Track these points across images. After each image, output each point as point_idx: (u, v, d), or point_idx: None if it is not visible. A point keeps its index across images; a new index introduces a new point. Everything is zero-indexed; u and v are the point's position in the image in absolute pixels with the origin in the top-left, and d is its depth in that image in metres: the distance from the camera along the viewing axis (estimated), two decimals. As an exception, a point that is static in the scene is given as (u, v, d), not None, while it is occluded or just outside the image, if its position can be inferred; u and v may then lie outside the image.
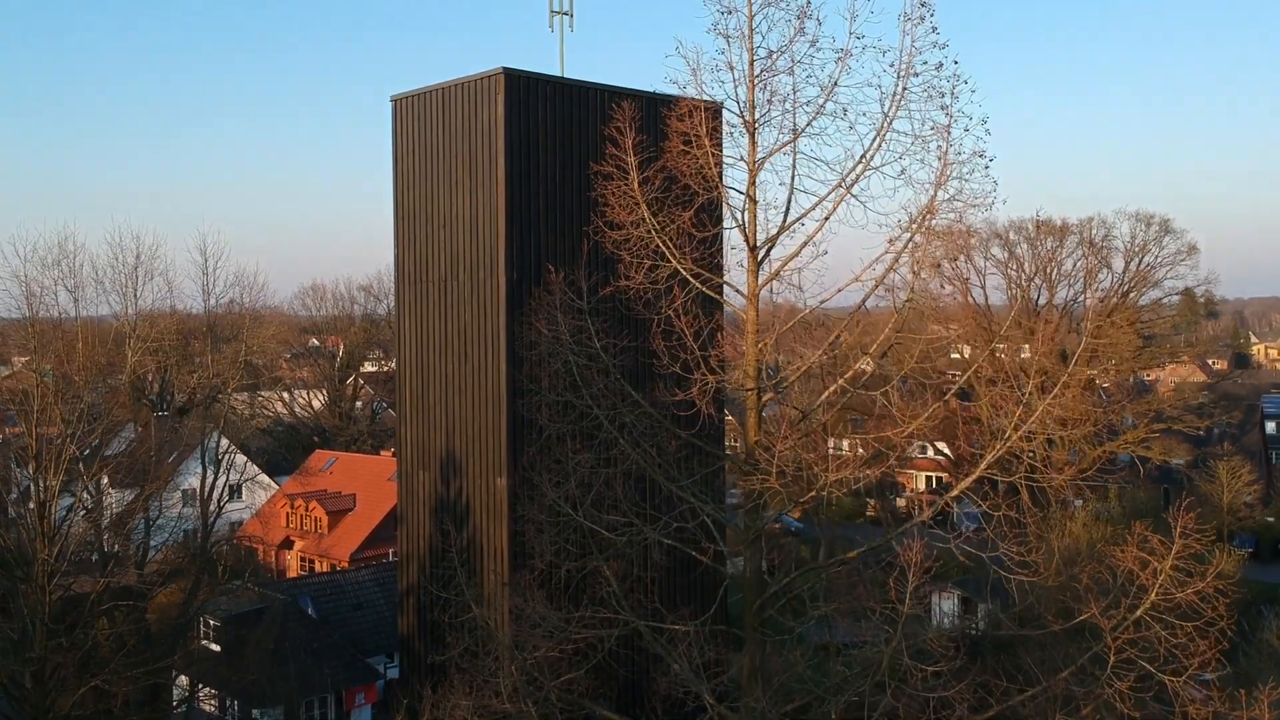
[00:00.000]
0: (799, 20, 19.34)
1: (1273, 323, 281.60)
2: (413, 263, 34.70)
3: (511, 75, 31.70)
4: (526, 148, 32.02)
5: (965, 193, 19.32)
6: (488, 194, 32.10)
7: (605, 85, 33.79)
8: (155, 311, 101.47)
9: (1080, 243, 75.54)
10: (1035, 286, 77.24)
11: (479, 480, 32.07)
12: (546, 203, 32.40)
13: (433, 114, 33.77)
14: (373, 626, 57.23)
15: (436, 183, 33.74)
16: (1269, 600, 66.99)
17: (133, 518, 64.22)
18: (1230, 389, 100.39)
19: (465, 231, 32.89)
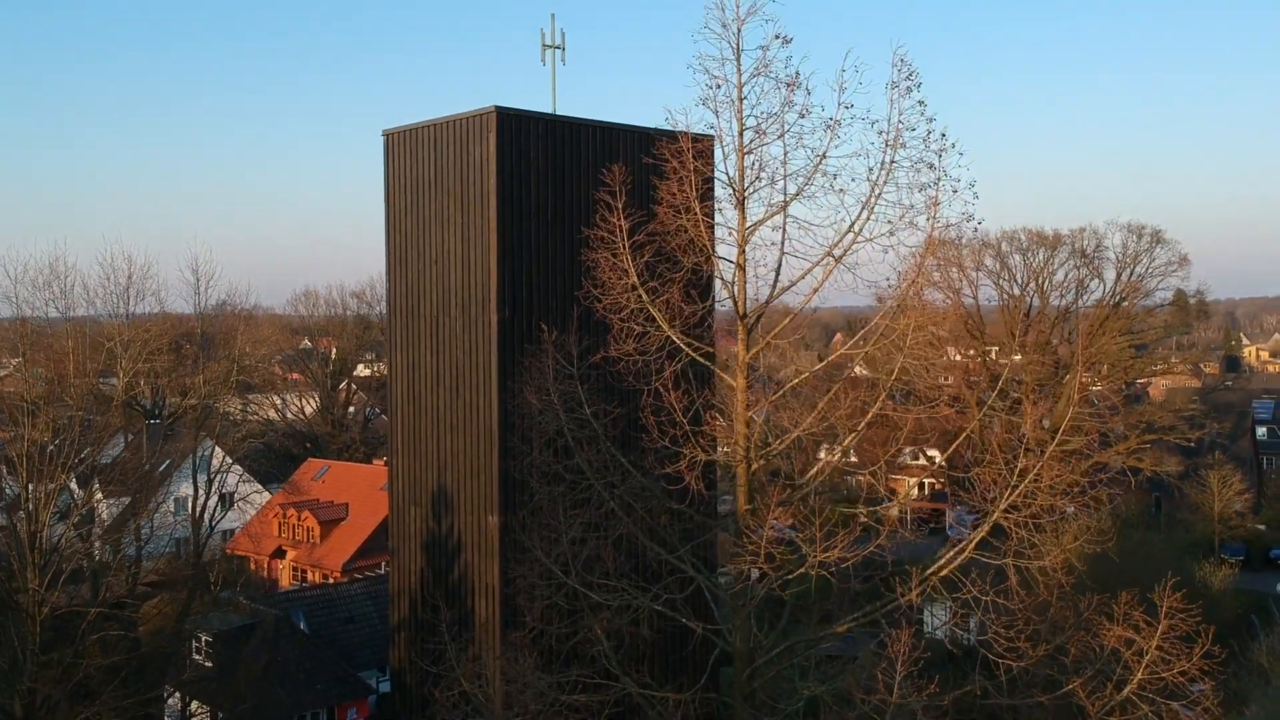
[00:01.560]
0: (788, 90, 19.37)
1: (1264, 324, 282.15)
2: (405, 297, 34.69)
3: (503, 113, 31.68)
4: (518, 186, 32.01)
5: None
6: (479, 231, 32.09)
7: (597, 121, 33.78)
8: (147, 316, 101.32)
9: (1072, 253, 75.71)
10: (1027, 296, 77.48)
11: (470, 517, 32.12)
12: (538, 240, 32.41)
13: (424, 150, 33.73)
14: (365, 640, 57.27)
15: (428, 218, 33.73)
16: (1259, 610, 67.31)
17: (124, 528, 64.32)
18: (1221, 395, 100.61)
19: (457, 268, 32.88)
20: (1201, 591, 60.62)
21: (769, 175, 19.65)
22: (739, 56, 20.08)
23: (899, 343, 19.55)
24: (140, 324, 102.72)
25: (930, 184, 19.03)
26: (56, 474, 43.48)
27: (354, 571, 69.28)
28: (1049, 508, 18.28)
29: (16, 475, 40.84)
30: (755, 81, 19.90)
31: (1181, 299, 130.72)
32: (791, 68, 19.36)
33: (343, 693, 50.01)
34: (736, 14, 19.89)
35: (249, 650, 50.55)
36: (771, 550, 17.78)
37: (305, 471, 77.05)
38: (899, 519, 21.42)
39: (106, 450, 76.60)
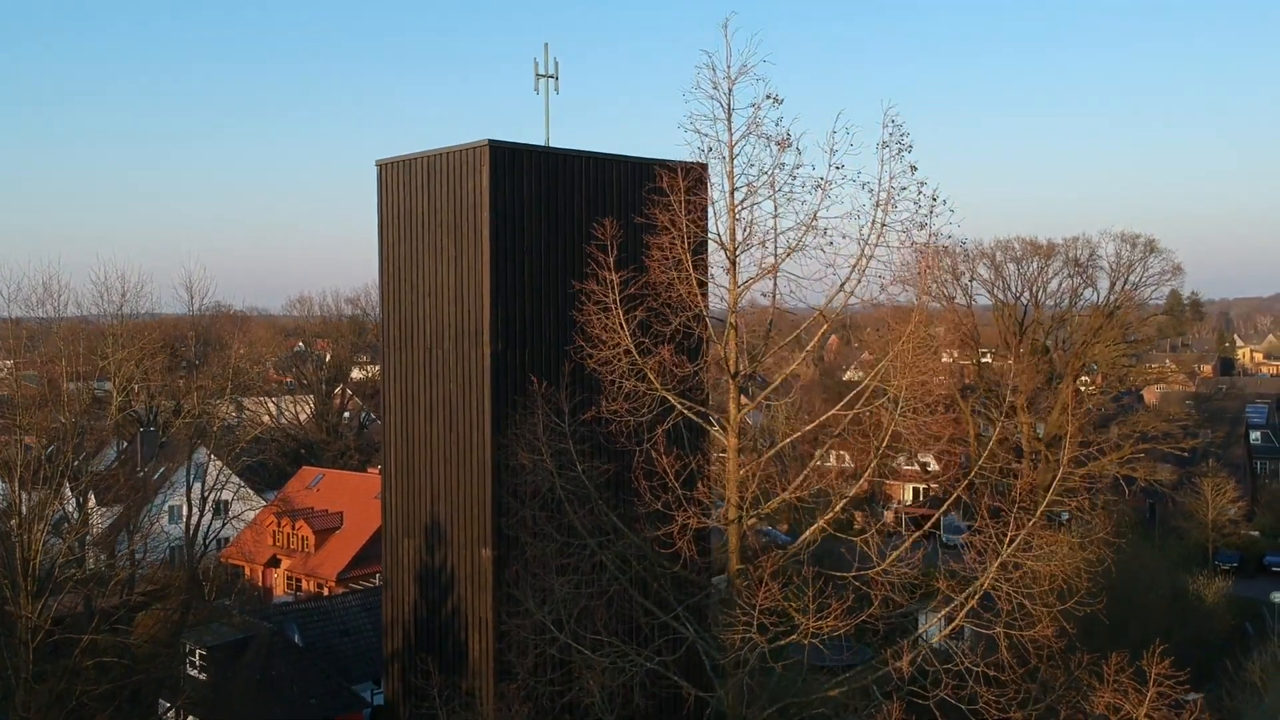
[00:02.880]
0: (779, 149, 19.34)
1: (1257, 325, 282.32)
2: (398, 328, 34.66)
3: (496, 147, 31.61)
4: (511, 219, 31.97)
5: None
6: (473, 264, 32.05)
7: (590, 152, 33.72)
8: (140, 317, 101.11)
9: (1066, 262, 75.82)
10: (1022, 304, 77.60)
11: (463, 550, 32.11)
12: (532, 274, 32.38)
13: (418, 181, 33.69)
14: (359, 653, 57.27)
15: (422, 250, 33.69)
16: (1253, 617, 67.49)
17: (117, 537, 64.29)
18: (1215, 400, 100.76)
19: (450, 301, 32.85)
20: (1195, 605, 60.89)
21: (760, 235, 19.62)
22: (730, 116, 20.06)
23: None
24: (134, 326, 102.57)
25: (921, 245, 18.99)
26: (53, 479, 43.48)
27: (349, 581, 69.30)
28: (1038, 575, 18.27)
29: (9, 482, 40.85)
30: (746, 141, 19.86)
31: (1175, 300, 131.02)
32: (782, 128, 19.32)
33: (337, 706, 50.07)
34: (727, 73, 19.86)
35: (243, 664, 50.67)
36: (764, 621, 17.83)
37: (300, 480, 77.02)
38: (893, 524, 21.34)
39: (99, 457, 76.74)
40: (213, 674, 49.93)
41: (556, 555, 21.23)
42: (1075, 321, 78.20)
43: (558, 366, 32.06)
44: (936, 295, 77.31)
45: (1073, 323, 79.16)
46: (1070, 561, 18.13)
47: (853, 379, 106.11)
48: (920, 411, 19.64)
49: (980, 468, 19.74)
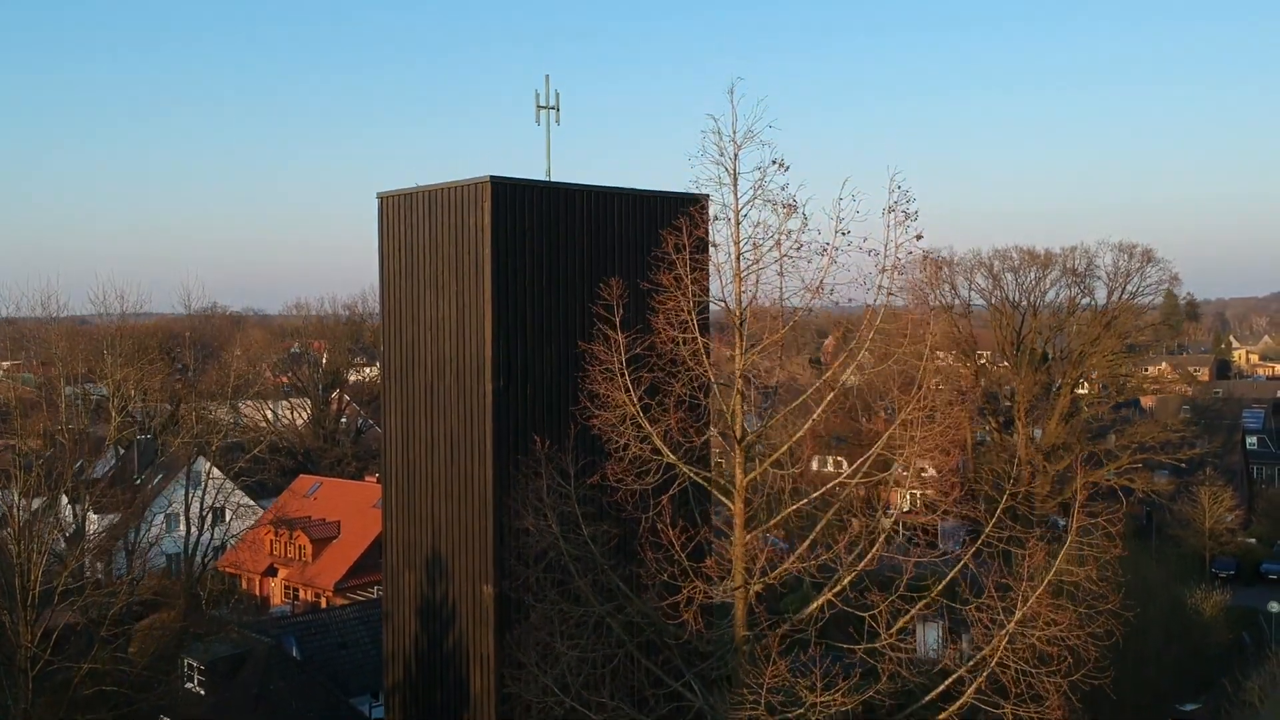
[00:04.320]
0: (785, 214, 19.28)
1: (1253, 325, 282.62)
2: (399, 359, 34.59)
3: (498, 184, 31.50)
4: (513, 255, 31.88)
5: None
6: (474, 300, 31.96)
7: (592, 186, 33.62)
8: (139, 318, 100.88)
9: (1064, 272, 75.91)
10: (1020, 314, 77.69)
11: (465, 585, 32.08)
12: (534, 311, 32.31)
13: (419, 215, 33.58)
14: (357, 666, 57.35)
15: (423, 283, 33.60)
16: (1250, 625, 67.75)
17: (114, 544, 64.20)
18: (1212, 406, 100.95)
19: (451, 336, 32.77)
20: (1194, 618, 61.07)
21: (766, 296, 19.57)
22: (735, 181, 19.99)
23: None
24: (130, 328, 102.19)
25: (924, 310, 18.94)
26: (53, 498, 43.35)
27: (346, 591, 69.34)
28: (1043, 652, 18.25)
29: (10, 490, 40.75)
30: (753, 206, 19.80)
31: (1171, 301, 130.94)
32: (788, 194, 19.26)
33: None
34: (733, 138, 19.78)
35: (241, 679, 50.77)
36: (771, 700, 17.81)
37: (297, 488, 76.95)
38: (892, 530, 21.16)
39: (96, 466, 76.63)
40: (211, 690, 50.03)
41: (561, 621, 21.19)
42: (1073, 330, 78.30)
43: (559, 404, 32.08)
44: (935, 308, 77.40)
45: (1071, 331, 79.26)
46: (1078, 634, 18.10)
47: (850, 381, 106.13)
48: (920, 425, 19.66)
49: (987, 535, 19.73)
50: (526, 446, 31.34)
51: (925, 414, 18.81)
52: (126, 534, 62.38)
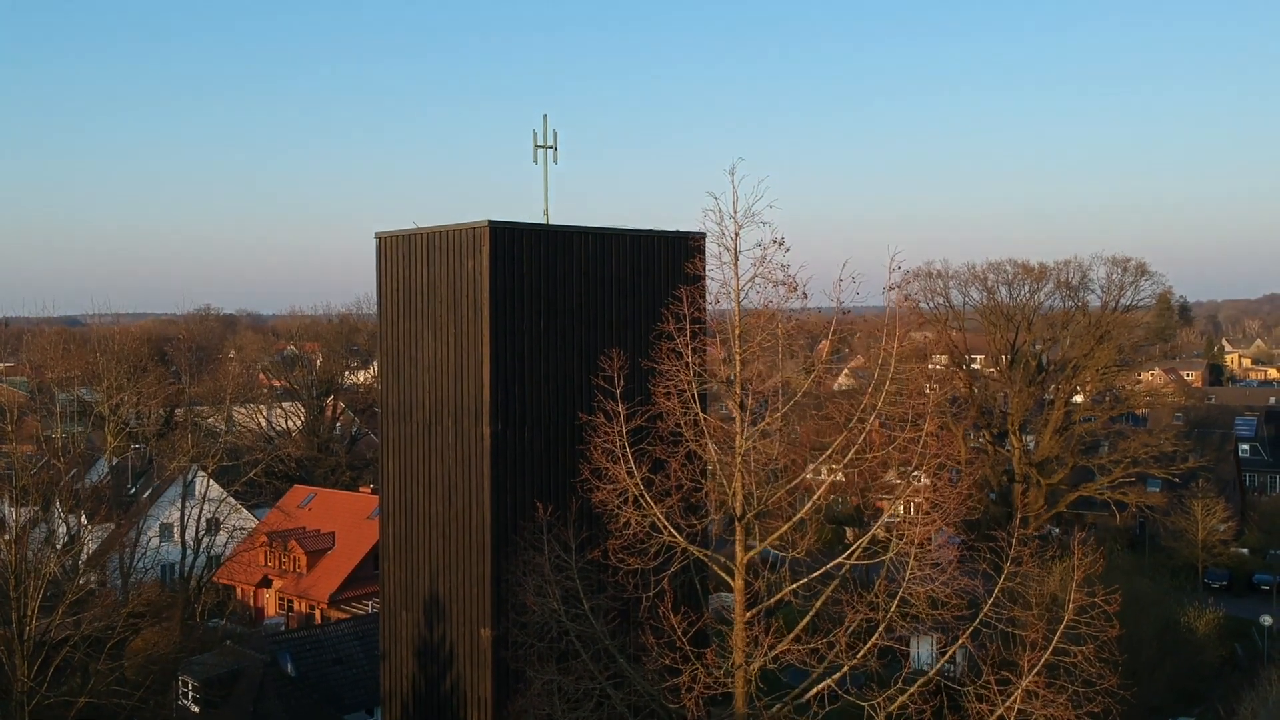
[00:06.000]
0: (785, 292, 19.30)
1: (1245, 329, 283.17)
2: (397, 399, 34.56)
3: (496, 228, 31.47)
4: (511, 299, 31.85)
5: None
6: (473, 344, 31.94)
7: (589, 228, 33.58)
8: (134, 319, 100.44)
9: (1058, 285, 76.01)
10: (1013, 327, 77.80)
11: (462, 628, 32.11)
12: (532, 355, 32.28)
13: (418, 257, 33.52)
14: (352, 682, 57.37)
15: (422, 325, 33.56)
16: (1242, 637, 68.05)
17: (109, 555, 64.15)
18: (1204, 414, 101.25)
19: (450, 378, 32.74)
20: (1187, 636, 61.30)
21: (765, 375, 19.56)
22: (736, 259, 19.99)
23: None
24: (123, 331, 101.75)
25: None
26: (44, 497, 43.23)
27: (341, 603, 69.32)
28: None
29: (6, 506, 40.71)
30: (754, 285, 19.80)
31: (1165, 306, 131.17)
32: (789, 272, 19.28)
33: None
34: (734, 217, 19.79)
35: (235, 696, 50.77)
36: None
37: (291, 499, 76.85)
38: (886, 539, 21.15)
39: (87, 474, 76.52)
40: (205, 707, 50.05)
41: (562, 693, 21.24)
42: (1067, 342, 78.45)
43: (558, 447, 32.11)
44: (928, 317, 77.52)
45: (1064, 343, 79.39)
46: (1075, 714, 18.19)
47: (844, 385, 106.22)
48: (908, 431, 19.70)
49: (984, 618, 19.80)
50: (524, 490, 31.47)
51: (914, 420, 18.87)
52: (121, 546, 62.37)
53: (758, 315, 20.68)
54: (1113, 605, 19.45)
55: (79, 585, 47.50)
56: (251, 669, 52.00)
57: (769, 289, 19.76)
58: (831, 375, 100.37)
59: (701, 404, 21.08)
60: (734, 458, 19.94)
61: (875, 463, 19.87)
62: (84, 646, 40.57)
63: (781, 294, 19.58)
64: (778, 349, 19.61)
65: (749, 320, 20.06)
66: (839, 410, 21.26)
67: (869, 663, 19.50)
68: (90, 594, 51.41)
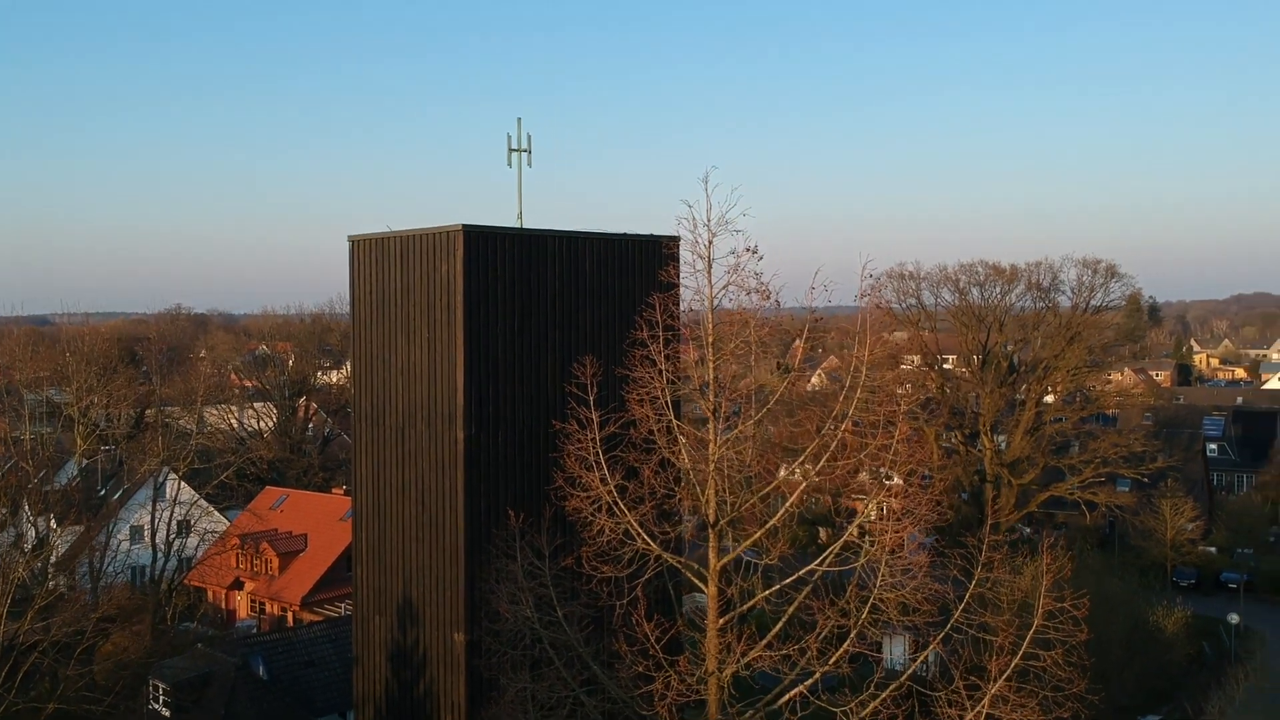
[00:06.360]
0: (759, 299, 19.40)
1: (1214, 329, 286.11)
2: (370, 403, 34.48)
3: (470, 232, 31.44)
4: (485, 303, 31.85)
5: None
6: (447, 348, 31.91)
7: (563, 231, 33.61)
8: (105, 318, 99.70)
9: (1029, 286, 76.63)
10: (984, 328, 78.34)
11: (436, 632, 32.09)
12: (506, 359, 32.30)
13: (391, 261, 33.45)
14: (325, 684, 57.10)
15: (395, 329, 33.49)
16: (1210, 636, 68.77)
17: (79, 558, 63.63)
18: (1173, 414, 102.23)
19: (424, 381, 32.70)
20: (1156, 635, 61.91)
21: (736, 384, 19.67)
22: (710, 267, 20.07)
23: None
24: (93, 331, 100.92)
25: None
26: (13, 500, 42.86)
27: (313, 605, 69.01)
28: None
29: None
30: (727, 293, 19.90)
31: (1135, 306, 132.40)
32: (762, 280, 19.39)
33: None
34: (708, 224, 19.86)
35: (207, 700, 50.49)
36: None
37: (263, 500, 76.42)
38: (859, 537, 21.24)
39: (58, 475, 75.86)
40: (176, 711, 49.77)
41: (536, 700, 21.27)
42: (1038, 343, 79.09)
43: (531, 451, 32.13)
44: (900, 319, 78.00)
45: (1035, 343, 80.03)
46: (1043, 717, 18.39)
47: (817, 385, 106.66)
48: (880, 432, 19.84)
49: (954, 623, 19.96)
50: (498, 494, 31.47)
51: (886, 421, 19.03)
52: (91, 549, 61.91)
53: (731, 319, 20.77)
54: (1082, 610, 19.65)
55: (48, 589, 47.31)
56: (223, 672, 51.75)
57: (742, 296, 19.86)
58: (805, 377, 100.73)
59: (675, 410, 21.16)
60: (707, 465, 20.02)
61: (847, 469, 20.00)
62: (53, 652, 40.28)
63: (755, 300, 19.68)
64: (751, 353, 19.73)
65: (723, 328, 20.15)
66: (811, 417, 21.38)
67: (841, 668, 19.63)
68: (59, 598, 51.04)
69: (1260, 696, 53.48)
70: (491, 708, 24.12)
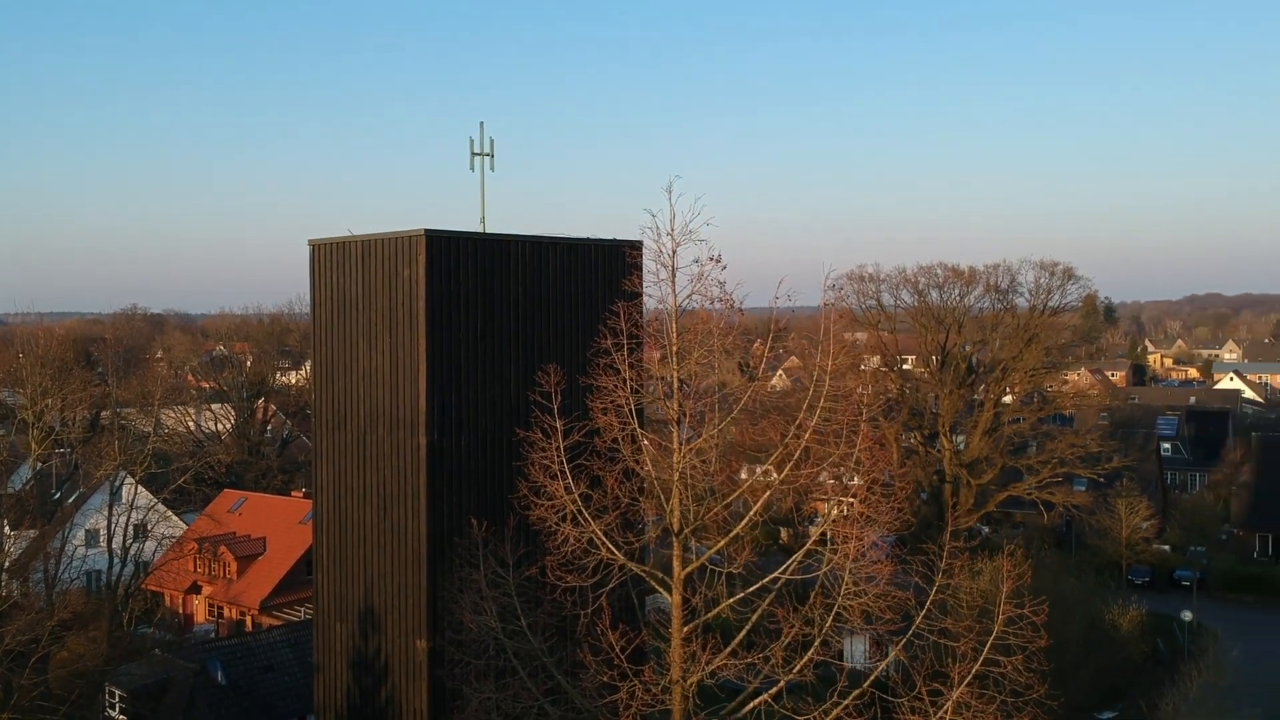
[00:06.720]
0: (724, 309, 19.48)
1: (1168, 329, 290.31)
2: (331, 408, 34.25)
3: (432, 236, 31.32)
4: (448, 308, 31.72)
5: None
6: (409, 353, 31.76)
7: (527, 236, 33.55)
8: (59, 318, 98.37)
9: (987, 289, 77.36)
10: (943, 329, 78.98)
11: (398, 640, 31.92)
12: (469, 363, 32.18)
13: (353, 265, 33.25)
14: (284, 689, 56.67)
15: (356, 333, 33.28)
16: (1164, 633, 69.72)
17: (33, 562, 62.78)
18: (1128, 414, 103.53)
19: (385, 387, 32.52)
20: (1111, 632, 62.70)
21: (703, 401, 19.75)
22: (674, 276, 20.13)
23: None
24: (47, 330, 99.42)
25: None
26: None
27: (272, 609, 68.47)
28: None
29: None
30: (691, 302, 19.96)
31: (1091, 307, 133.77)
32: (725, 289, 19.47)
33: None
34: (671, 235, 19.91)
35: (165, 706, 50.03)
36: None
37: (221, 503, 75.73)
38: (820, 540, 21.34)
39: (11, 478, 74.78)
40: (133, 719, 49.27)
41: (499, 710, 21.24)
42: (996, 344, 79.87)
43: (495, 457, 32.04)
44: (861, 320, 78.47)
45: (994, 344, 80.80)
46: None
47: (778, 386, 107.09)
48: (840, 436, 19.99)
49: (916, 629, 20.14)
50: (461, 500, 31.36)
51: (849, 427, 19.17)
52: (46, 555, 61.12)
53: (695, 327, 20.82)
54: (1040, 616, 19.89)
55: (1, 596, 46.69)
56: (181, 678, 51.30)
57: (706, 304, 19.91)
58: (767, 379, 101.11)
59: (639, 419, 21.19)
60: (671, 474, 20.07)
61: (811, 477, 20.13)
62: (7, 660, 39.75)
63: (719, 309, 19.75)
64: (714, 356, 19.79)
65: (687, 336, 20.21)
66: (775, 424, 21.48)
67: (805, 676, 19.75)
68: (13, 605, 50.36)
69: (1213, 693, 54.21)
70: (455, 717, 24.04)
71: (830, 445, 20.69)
